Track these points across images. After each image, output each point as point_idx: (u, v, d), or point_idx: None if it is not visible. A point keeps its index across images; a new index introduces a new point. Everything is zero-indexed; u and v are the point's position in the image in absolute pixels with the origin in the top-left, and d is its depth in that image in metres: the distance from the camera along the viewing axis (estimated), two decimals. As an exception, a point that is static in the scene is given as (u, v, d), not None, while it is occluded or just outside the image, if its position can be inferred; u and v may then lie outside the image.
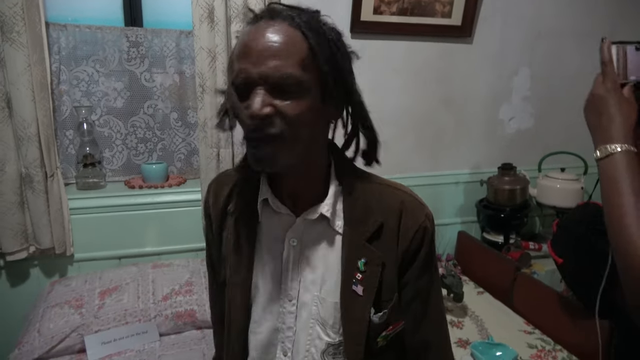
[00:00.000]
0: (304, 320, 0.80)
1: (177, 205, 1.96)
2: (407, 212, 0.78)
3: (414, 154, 2.27)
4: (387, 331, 0.77)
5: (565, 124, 2.35)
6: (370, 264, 0.76)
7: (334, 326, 0.79)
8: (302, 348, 0.81)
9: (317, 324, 0.80)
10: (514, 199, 2.19)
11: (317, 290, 0.80)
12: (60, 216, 1.78)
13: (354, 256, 0.76)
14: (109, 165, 2.05)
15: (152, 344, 1.58)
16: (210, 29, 1.75)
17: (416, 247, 0.78)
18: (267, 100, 0.66)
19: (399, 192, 0.80)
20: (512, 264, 1.93)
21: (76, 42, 1.89)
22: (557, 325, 1.65)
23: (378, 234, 0.77)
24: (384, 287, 0.77)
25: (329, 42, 0.70)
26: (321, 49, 0.68)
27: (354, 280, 0.76)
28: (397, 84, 2.15)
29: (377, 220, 0.76)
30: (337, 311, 0.78)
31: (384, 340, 0.78)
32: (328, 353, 0.80)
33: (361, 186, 0.79)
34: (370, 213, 0.77)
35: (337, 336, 0.79)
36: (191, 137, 2.11)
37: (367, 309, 0.75)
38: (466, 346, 1.61)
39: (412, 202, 0.79)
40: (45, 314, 1.59)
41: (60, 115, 1.91)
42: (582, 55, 1.13)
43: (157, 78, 2.02)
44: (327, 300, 0.79)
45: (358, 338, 0.76)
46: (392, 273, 0.78)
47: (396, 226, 0.77)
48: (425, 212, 0.79)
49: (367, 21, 1.98)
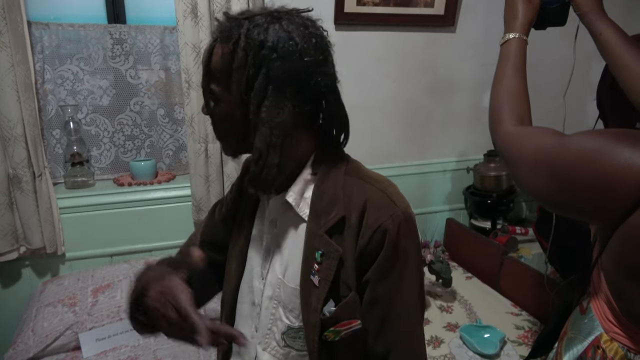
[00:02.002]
0: (268, 299, 0.84)
1: (167, 202, 1.97)
2: (370, 209, 0.75)
3: (401, 143, 2.29)
4: (336, 326, 0.76)
5: (549, 110, 2.35)
6: (327, 256, 0.75)
7: (293, 311, 0.81)
8: (265, 325, 0.85)
9: (279, 305, 0.83)
10: (500, 185, 2.23)
11: (281, 274, 0.82)
12: (50, 216, 1.78)
13: (312, 246, 0.77)
14: (97, 164, 2.05)
15: (146, 339, 1.59)
16: (194, 24, 1.75)
17: (374, 248, 0.74)
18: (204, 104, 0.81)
19: (370, 187, 0.78)
20: (500, 248, 1.98)
21: (59, 41, 1.88)
22: (543, 307, 1.70)
23: (340, 227, 0.76)
24: (341, 283, 0.77)
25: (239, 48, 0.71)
26: (224, 59, 0.73)
27: (312, 271, 0.76)
28: (382, 74, 2.17)
29: (339, 213, 0.75)
30: (296, 297, 0.79)
31: (335, 335, 0.77)
32: (288, 335, 0.82)
33: (334, 177, 0.79)
34: (335, 205, 0.76)
35: (297, 321, 0.81)
36: (179, 133, 2.12)
37: (321, 300, 0.75)
38: (455, 329, 1.65)
39: (380, 200, 0.76)
40: (39, 313, 1.60)
41: (46, 115, 1.90)
42: (564, 42, 1.15)
43: (143, 75, 2.02)
44: (287, 285, 0.81)
45: (314, 328, 0.77)
46: (351, 270, 0.76)
47: (357, 222, 0.75)
48: (393, 212, 0.74)
49: (350, 12, 1.99)
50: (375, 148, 2.18)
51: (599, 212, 0.68)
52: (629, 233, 0.63)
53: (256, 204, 0.91)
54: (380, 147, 2.21)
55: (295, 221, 0.82)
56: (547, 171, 0.72)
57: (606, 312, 0.76)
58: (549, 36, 1.27)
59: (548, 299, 1.65)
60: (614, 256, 0.69)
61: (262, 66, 0.71)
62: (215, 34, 0.76)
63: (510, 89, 0.92)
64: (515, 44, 0.97)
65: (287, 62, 0.71)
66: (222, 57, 0.74)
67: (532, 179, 0.76)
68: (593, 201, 0.66)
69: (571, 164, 0.68)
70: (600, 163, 0.63)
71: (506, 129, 0.87)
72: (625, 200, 0.61)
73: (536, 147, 0.77)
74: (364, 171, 0.82)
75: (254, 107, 0.73)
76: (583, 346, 0.78)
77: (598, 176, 0.63)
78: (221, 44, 0.74)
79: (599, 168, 0.63)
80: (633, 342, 0.71)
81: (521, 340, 1.59)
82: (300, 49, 0.71)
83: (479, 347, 1.50)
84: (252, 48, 0.71)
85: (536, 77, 1.40)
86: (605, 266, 0.73)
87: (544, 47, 1.92)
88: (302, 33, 0.72)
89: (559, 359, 0.83)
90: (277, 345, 0.84)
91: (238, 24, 0.73)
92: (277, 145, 0.73)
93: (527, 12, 0.99)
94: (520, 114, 0.89)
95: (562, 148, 0.70)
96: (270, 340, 0.85)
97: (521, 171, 0.79)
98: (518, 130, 0.86)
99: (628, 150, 0.61)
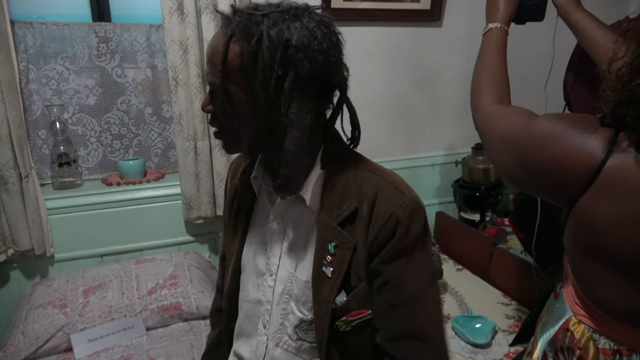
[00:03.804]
0: (279, 294, 0.84)
1: (157, 201, 1.96)
2: (381, 200, 0.76)
3: (390, 138, 2.31)
4: (348, 316, 0.78)
5: (534, 102, 2.37)
6: (341, 247, 0.77)
7: (306, 304, 0.82)
8: (276, 321, 0.85)
9: (291, 299, 0.83)
10: (488, 177, 2.25)
11: (292, 268, 0.83)
12: (38, 217, 1.76)
13: (325, 238, 0.78)
14: (85, 164, 2.03)
15: (139, 339, 1.59)
16: (181, 21, 1.74)
17: (386, 236, 0.76)
18: (208, 99, 0.78)
19: (379, 179, 0.79)
20: (489, 240, 2.00)
21: (43, 40, 1.85)
22: (532, 296, 1.72)
23: (352, 218, 0.77)
24: (353, 272, 0.78)
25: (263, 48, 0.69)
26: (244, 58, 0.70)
27: (324, 262, 0.77)
28: (370, 69, 2.18)
29: (352, 205, 0.77)
30: (308, 290, 0.80)
31: (346, 326, 0.78)
32: (301, 328, 0.83)
33: (344, 171, 0.80)
34: (346, 197, 0.78)
35: (310, 314, 0.81)
36: (167, 131, 2.10)
37: (334, 291, 0.77)
38: (447, 320, 1.66)
39: (389, 190, 0.77)
40: (29, 315, 1.58)
41: (31, 115, 1.88)
42: (548, 35, 1.17)
43: (129, 73, 2.00)
44: (300, 278, 0.82)
45: (325, 318, 0.78)
46: (362, 260, 0.77)
47: (369, 212, 0.77)
48: (402, 202, 0.76)
49: (337, 8, 1.99)
50: (365, 143, 2.15)
51: (555, 193, 0.72)
52: (580, 213, 0.67)
53: (252, 202, 0.90)
54: (369, 142, 2.19)
55: (304, 215, 0.82)
56: (512, 150, 0.77)
57: (574, 295, 0.79)
58: (529, 31, 1.30)
59: (537, 288, 1.68)
60: (570, 236, 0.73)
61: (290, 67, 0.69)
62: (229, 30, 0.72)
63: (491, 71, 0.99)
64: (496, 32, 1.04)
65: (314, 62, 0.70)
66: (241, 56, 0.70)
67: (500, 156, 0.81)
68: (549, 182, 0.71)
69: (531, 145, 0.72)
70: (555, 146, 0.68)
71: (485, 107, 0.92)
72: (577, 182, 0.65)
73: (507, 126, 0.81)
74: (370, 164, 0.84)
75: (284, 109, 0.71)
76: (555, 329, 0.81)
77: (553, 158, 0.68)
78: (239, 42, 0.71)
79: (554, 151, 0.68)
80: (597, 324, 0.74)
81: (512, 330, 1.62)
82: (325, 48, 0.71)
83: (471, 337, 1.52)
84: (278, 48, 0.69)
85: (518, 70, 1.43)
86: (566, 248, 0.76)
87: (525, 42, 1.95)
88: (323, 32, 0.72)
89: (536, 342, 0.86)
90: (289, 339, 0.85)
91: (256, 20, 0.70)
92: (306, 147, 0.74)
93: (507, 5, 1.06)
94: (499, 94, 0.94)
95: (527, 128, 0.75)
96: (282, 335, 0.85)
97: (493, 149, 0.84)
98: (495, 109, 0.90)
99: (579, 135, 0.65)
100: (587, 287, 0.74)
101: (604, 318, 0.73)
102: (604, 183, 0.63)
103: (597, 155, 0.63)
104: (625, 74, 0.61)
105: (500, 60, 1.00)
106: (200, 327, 1.65)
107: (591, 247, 0.69)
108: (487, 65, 1.00)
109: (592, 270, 0.71)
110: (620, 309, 0.71)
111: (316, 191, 0.80)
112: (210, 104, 0.77)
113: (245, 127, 0.75)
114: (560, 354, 0.80)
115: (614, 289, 0.69)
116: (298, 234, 0.83)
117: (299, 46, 0.69)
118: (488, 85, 0.96)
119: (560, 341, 0.80)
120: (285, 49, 0.69)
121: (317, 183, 0.80)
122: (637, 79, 0.59)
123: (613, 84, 0.63)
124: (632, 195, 0.61)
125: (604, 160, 0.62)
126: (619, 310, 0.71)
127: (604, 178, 0.63)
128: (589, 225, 0.66)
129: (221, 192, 1.89)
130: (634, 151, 0.60)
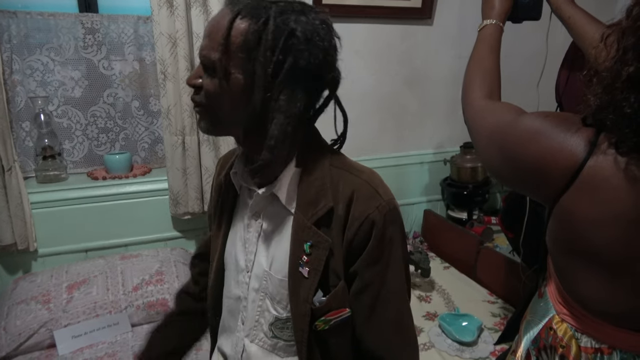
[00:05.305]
0: (255, 292, 0.85)
1: (143, 195, 1.94)
2: (357, 201, 0.76)
3: (379, 135, 2.31)
4: (327, 316, 0.78)
5: (524, 102, 2.38)
6: (316, 247, 0.76)
7: (281, 302, 0.81)
8: (252, 318, 0.85)
9: (267, 297, 0.83)
10: (476, 176, 2.27)
11: (267, 266, 0.83)
12: (21, 211, 1.73)
13: (301, 238, 0.77)
14: (70, 157, 2.00)
15: (124, 335, 1.57)
16: (170, 13, 1.72)
17: (362, 238, 0.76)
18: (198, 74, 0.76)
19: (355, 179, 0.78)
20: (476, 238, 2.01)
21: (28, 30, 1.81)
22: (518, 294, 1.74)
23: (328, 218, 0.77)
24: (330, 272, 0.78)
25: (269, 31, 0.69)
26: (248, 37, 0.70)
27: (300, 262, 0.77)
28: (360, 66, 2.17)
29: (327, 204, 0.76)
30: (284, 288, 0.80)
31: (324, 325, 0.78)
32: (276, 326, 0.83)
33: (320, 169, 0.79)
34: (322, 197, 0.77)
35: (285, 312, 0.81)
36: (154, 125, 2.08)
37: (311, 291, 0.76)
38: (434, 318, 1.68)
39: (366, 191, 0.77)
40: (11, 311, 1.55)
41: (14, 107, 1.84)
42: (539, 35, 1.17)
43: (116, 66, 1.97)
44: (274, 276, 0.81)
45: (303, 319, 0.77)
46: (339, 260, 0.77)
47: (345, 213, 0.76)
48: (378, 204, 0.76)
49: (328, 4, 1.98)
50: (353, 140, 2.14)
51: (537, 190, 0.74)
52: (561, 212, 0.68)
53: (234, 198, 0.90)
54: (358, 139, 2.21)
55: (280, 213, 0.81)
56: (498, 146, 0.78)
57: (556, 294, 0.80)
58: (523, 30, 1.31)
59: (522, 286, 1.70)
60: (551, 234, 0.74)
61: (290, 54, 0.70)
62: (236, 7, 0.72)
63: (483, 66, 0.99)
64: (491, 28, 1.05)
65: (313, 55, 0.71)
66: (245, 34, 0.70)
67: (487, 151, 0.82)
68: (532, 179, 0.72)
69: (516, 142, 0.73)
70: (539, 144, 0.68)
71: (475, 102, 0.93)
72: (558, 180, 0.66)
73: (494, 122, 0.82)
74: (348, 162, 0.82)
75: (275, 94, 0.72)
76: (538, 328, 0.82)
77: (536, 156, 0.69)
78: (244, 20, 0.71)
79: (537, 148, 0.69)
80: (579, 322, 0.75)
81: (497, 328, 1.63)
82: (325, 46, 0.72)
83: (457, 335, 1.53)
84: (283, 34, 0.69)
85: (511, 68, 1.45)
86: (548, 246, 0.77)
87: (517, 41, 1.96)
88: (325, 31, 0.73)
89: (520, 341, 0.87)
90: (264, 337, 0.84)
91: (265, 5, 0.71)
92: (290, 136, 0.74)
93: (503, 3, 1.07)
94: (490, 89, 0.95)
95: (512, 125, 0.75)
96: (257, 332, 0.85)
97: (480, 143, 0.85)
98: (484, 104, 0.91)
99: (563, 134, 0.66)
100: (569, 286, 0.75)
101: (586, 317, 0.74)
102: (585, 182, 0.64)
103: (578, 154, 0.64)
104: (606, 78, 0.62)
105: (493, 56, 1.01)
106: (187, 323, 1.63)
107: (572, 246, 0.70)
108: (480, 61, 1.01)
109: (574, 268, 0.72)
110: (601, 308, 0.71)
111: (291, 189, 0.80)
112: (199, 79, 0.76)
113: (234, 109, 0.75)
114: (544, 353, 0.81)
115: (596, 287, 0.70)
116: (274, 231, 0.83)
117: (302, 37, 0.70)
118: (479, 80, 0.97)
119: (543, 339, 0.81)
120: (290, 36, 0.70)
121: (292, 180, 0.79)
122: (617, 83, 0.60)
123: (594, 88, 0.64)
124: (612, 194, 0.62)
125: (585, 159, 0.63)
126: (600, 309, 0.72)
127: (585, 177, 0.64)
128: (570, 223, 0.67)
129: (209, 188, 1.88)
130: (614, 152, 0.61)
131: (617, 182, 0.61)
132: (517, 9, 1.10)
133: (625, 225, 0.62)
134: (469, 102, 0.95)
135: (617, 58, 0.61)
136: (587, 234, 0.66)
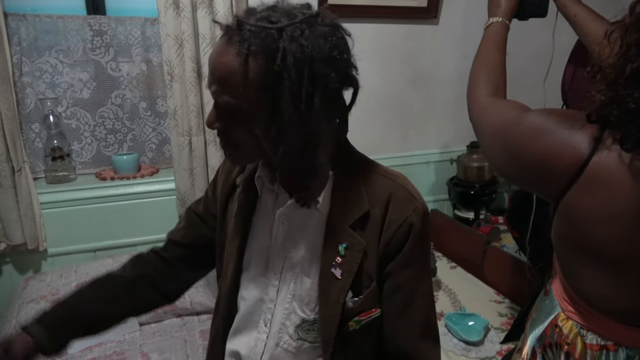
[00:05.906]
0: (283, 294, 0.84)
1: (151, 196, 1.95)
2: (394, 204, 0.78)
3: (385, 135, 2.31)
4: (359, 316, 0.79)
5: (530, 99, 2.37)
6: (351, 249, 0.77)
7: (309, 304, 0.82)
8: (278, 320, 0.85)
9: (295, 299, 0.83)
10: (482, 176, 2.26)
11: (297, 269, 0.83)
12: (31, 211, 1.75)
13: (335, 240, 0.78)
14: (79, 158, 2.02)
15: (132, 334, 1.58)
16: (176, 15, 1.73)
17: (399, 241, 0.78)
18: (214, 117, 0.73)
19: (391, 183, 0.80)
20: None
21: (37, 32, 1.84)
22: (525, 294, 1.73)
23: (363, 221, 0.78)
24: (363, 274, 0.79)
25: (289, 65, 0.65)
26: (267, 77, 0.66)
27: (333, 263, 0.78)
28: (366, 66, 2.14)
29: (364, 207, 0.78)
30: (314, 290, 0.81)
31: (356, 325, 0.80)
32: (302, 328, 0.83)
33: (355, 174, 0.80)
34: (358, 200, 0.78)
35: (313, 314, 0.82)
36: (162, 126, 2.10)
37: (343, 292, 0.78)
38: (440, 318, 1.67)
39: (402, 194, 0.79)
40: (21, 310, 1.57)
41: (24, 108, 1.86)
42: (545, 32, 1.18)
43: (124, 67, 1.99)
44: (305, 279, 0.82)
45: (332, 319, 0.78)
46: (373, 262, 0.79)
47: (381, 216, 0.77)
48: (415, 207, 0.78)
49: (334, 4, 1.98)
50: (359, 140, 2.15)
51: (542, 187, 0.74)
52: (566, 208, 0.68)
53: (254, 200, 0.88)
54: (363, 139, 2.18)
55: (313, 217, 0.82)
56: (502, 143, 0.78)
57: (562, 291, 0.80)
58: (529, 27, 1.31)
59: (527, 285, 1.69)
60: (556, 231, 0.74)
61: (318, 83, 0.67)
62: (239, 40, 0.66)
63: (489, 63, 1.00)
64: (497, 25, 1.06)
65: (339, 73, 0.70)
66: (263, 75, 0.66)
67: (492, 149, 0.82)
68: (536, 176, 0.72)
69: (520, 139, 0.73)
70: (543, 141, 0.69)
71: (479, 99, 0.93)
72: (562, 177, 0.66)
73: (499, 119, 0.82)
74: (380, 167, 0.84)
75: (312, 126, 0.69)
76: (544, 326, 0.82)
77: (540, 153, 0.69)
78: (257, 59, 0.66)
79: (541, 146, 0.69)
80: (584, 320, 0.75)
81: (504, 327, 1.62)
82: (344, 57, 0.72)
83: (464, 335, 1.53)
84: (304, 66, 0.65)
85: (517, 65, 1.45)
86: (553, 243, 0.77)
87: (524, 38, 1.95)
88: (337, 37, 0.71)
89: (525, 339, 0.87)
90: (290, 339, 0.85)
91: (271, 35, 0.65)
92: (329, 154, 0.77)
93: (509, 1, 1.08)
94: (495, 86, 0.95)
95: (517, 122, 0.75)
96: (283, 335, 0.85)
97: (485, 141, 0.85)
98: (490, 101, 0.91)
99: (567, 131, 0.66)
100: (574, 283, 0.75)
101: (592, 314, 0.73)
102: (589, 179, 0.64)
103: (583, 151, 0.64)
104: (609, 75, 0.62)
105: (499, 53, 1.01)
106: (194, 322, 1.65)
107: (577, 242, 0.70)
108: (485, 58, 1.01)
109: (579, 265, 0.72)
110: (606, 305, 0.71)
111: (326, 193, 0.80)
112: (219, 122, 0.73)
113: (266, 151, 0.73)
114: (549, 350, 0.81)
115: (600, 284, 0.70)
116: (303, 234, 0.83)
117: (325, 61, 0.67)
118: (484, 77, 0.97)
119: (548, 337, 0.81)
120: (311, 65, 0.66)
121: (327, 185, 0.80)
122: (621, 80, 0.60)
123: (598, 84, 0.64)
124: (616, 191, 0.62)
125: (589, 156, 0.63)
126: (605, 306, 0.72)
127: (589, 174, 0.64)
128: (574, 220, 0.67)
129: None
130: (619, 148, 0.61)
131: (622, 179, 0.61)
132: (523, 6, 1.10)
133: (629, 221, 0.62)
134: (474, 99, 0.95)
135: (620, 54, 0.61)
136: (591, 230, 0.66)
